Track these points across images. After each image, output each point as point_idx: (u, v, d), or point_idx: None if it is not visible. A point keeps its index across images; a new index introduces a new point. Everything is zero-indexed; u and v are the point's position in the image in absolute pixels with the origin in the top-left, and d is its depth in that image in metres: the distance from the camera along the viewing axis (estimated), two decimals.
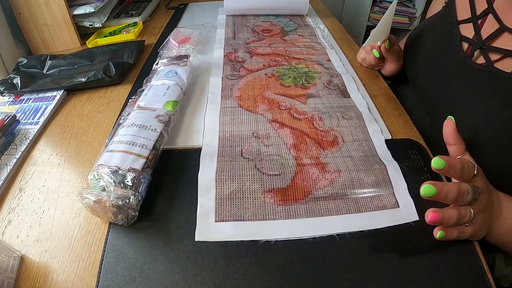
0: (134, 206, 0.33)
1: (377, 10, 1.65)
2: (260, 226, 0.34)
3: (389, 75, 0.60)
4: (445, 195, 0.28)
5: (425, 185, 0.28)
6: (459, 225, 0.30)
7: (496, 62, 0.38)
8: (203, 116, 0.49)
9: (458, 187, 0.29)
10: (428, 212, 0.29)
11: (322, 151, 0.42)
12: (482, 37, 0.41)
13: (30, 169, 0.42)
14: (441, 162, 0.28)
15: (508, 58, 0.37)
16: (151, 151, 0.38)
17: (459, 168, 0.29)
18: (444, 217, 0.29)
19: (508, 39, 0.38)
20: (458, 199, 0.29)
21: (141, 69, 0.63)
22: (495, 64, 0.38)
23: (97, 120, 0.50)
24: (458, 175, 0.30)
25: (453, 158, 0.29)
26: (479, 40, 0.41)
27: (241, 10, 0.85)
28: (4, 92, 0.55)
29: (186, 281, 0.30)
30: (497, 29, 0.39)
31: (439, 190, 0.28)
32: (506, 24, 0.38)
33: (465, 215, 0.30)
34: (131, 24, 0.82)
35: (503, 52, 0.38)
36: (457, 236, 0.31)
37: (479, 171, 0.31)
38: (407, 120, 0.48)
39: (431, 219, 0.29)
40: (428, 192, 0.28)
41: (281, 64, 0.61)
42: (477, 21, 0.42)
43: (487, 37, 0.40)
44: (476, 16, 0.42)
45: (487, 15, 0.41)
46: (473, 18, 0.43)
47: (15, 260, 0.31)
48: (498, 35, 0.39)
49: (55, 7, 0.69)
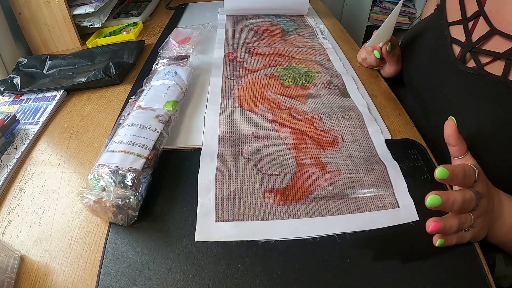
0: (134, 206, 0.33)
1: (377, 10, 1.65)
2: (260, 226, 0.34)
3: (388, 77, 0.60)
4: (451, 204, 0.28)
5: (430, 196, 0.27)
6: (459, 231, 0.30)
7: (487, 65, 0.38)
8: (203, 116, 0.49)
9: (463, 196, 0.28)
10: (429, 222, 0.29)
11: (322, 151, 0.42)
12: (472, 40, 0.40)
13: (30, 169, 0.42)
14: (445, 172, 0.27)
15: (498, 61, 0.37)
16: (151, 151, 0.38)
17: (462, 176, 0.29)
18: (445, 226, 0.29)
19: (498, 42, 0.38)
20: (463, 208, 0.29)
21: (141, 69, 0.63)
22: (485, 67, 0.38)
23: (97, 120, 0.50)
24: (460, 183, 0.29)
25: (456, 166, 0.29)
26: (469, 42, 0.40)
27: (241, 10, 0.85)
28: (4, 92, 0.55)
29: (186, 281, 0.30)
30: (487, 32, 0.38)
31: (445, 200, 0.27)
32: (496, 27, 0.38)
33: (466, 221, 0.30)
34: (131, 24, 0.82)
35: (492, 55, 0.37)
36: (456, 242, 0.31)
37: (480, 174, 0.31)
38: (407, 120, 0.48)
39: (432, 229, 0.28)
40: (434, 203, 0.27)
41: (281, 64, 0.61)
42: (467, 23, 0.42)
43: (477, 39, 0.39)
44: (466, 18, 0.42)
45: (478, 17, 0.41)
46: (463, 20, 0.42)
47: (15, 260, 0.31)
48: (489, 38, 0.38)
49: (55, 7, 0.69)
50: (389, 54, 0.53)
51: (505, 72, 0.36)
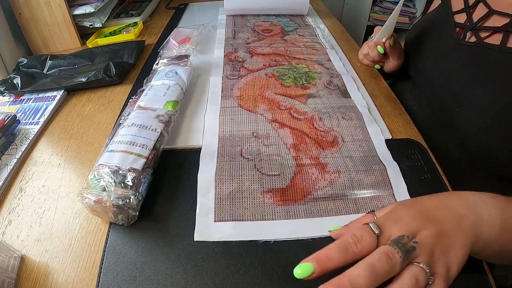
0: (134, 206, 0.33)
1: (377, 10, 1.65)
2: (259, 226, 0.34)
3: (390, 71, 0.61)
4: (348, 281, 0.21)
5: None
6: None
7: (486, 38, 0.42)
8: (203, 116, 0.49)
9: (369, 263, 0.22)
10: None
11: (322, 152, 0.42)
12: (473, 21, 0.44)
13: (31, 169, 0.42)
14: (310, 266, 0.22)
15: (496, 34, 0.41)
16: (152, 151, 0.38)
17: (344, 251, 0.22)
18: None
19: (496, 19, 0.42)
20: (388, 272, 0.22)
21: (141, 69, 0.63)
22: (484, 40, 0.42)
23: (97, 120, 0.50)
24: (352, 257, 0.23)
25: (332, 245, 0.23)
26: (470, 23, 0.45)
27: (241, 10, 0.85)
28: (5, 92, 0.55)
29: (186, 281, 0.30)
30: (486, 13, 0.43)
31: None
32: (494, 8, 0.42)
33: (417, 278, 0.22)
34: (131, 24, 0.82)
35: (491, 29, 0.42)
36: None
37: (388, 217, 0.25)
38: (407, 120, 0.48)
39: None
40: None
41: (281, 64, 0.61)
42: (469, 10, 0.46)
43: (478, 20, 0.43)
44: (468, 6, 0.46)
45: (477, 4, 0.45)
46: (466, 8, 0.47)
47: (15, 260, 0.32)
48: (488, 18, 0.43)
49: (55, 7, 0.69)
50: (392, 49, 0.56)
51: (504, 41, 0.39)
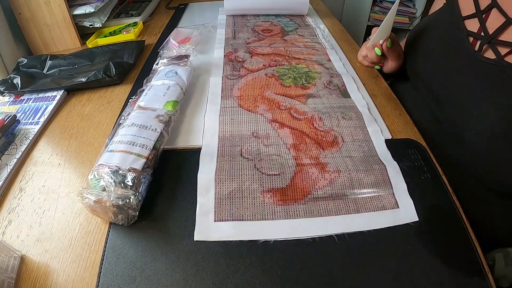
0: (134, 206, 0.33)
1: (377, 10, 1.65)
2: (259, 226, 0.34)
3: (390, 72, 0.61)
4: None
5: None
6: None
7: (506, 56, 0.38)
8: (203, 116, 0.49)
9: None
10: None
11: (322, 151, 0.42)
12: (488, 32, 0.41)
13: (31, 169, 0.42)
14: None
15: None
16: (151, 151, 0.38)
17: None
18: None
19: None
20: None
21: (141, 69, 0.63)
22: (505, 58, 0.38)
23: (97, 120, 0.50)
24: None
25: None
26: (486, 34, 0.41)
27: (241, 10, 0.85)
28: (4, 92, 0.55)
29: (186, 281, 0.30)
30: (504, 23, 0.39)
31: None
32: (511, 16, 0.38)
33: None
34: (131, 24, 0.82)
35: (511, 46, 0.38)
36: None
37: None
38: (407, 120, 0.48)
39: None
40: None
41: (281, 64, 0.61)
42: (482, 16, 0.42)
43: (494, 31, 0.40)
44: (480, 11, 0.42)
45: (491, 9, 0.41)
46: (477, 13, 0.43)
47: (15, 260, 0.32)
48: (505, 29, 0.39)
49: (55, 7, 0.69)
50: (389, 50, 0.55)
51: None
